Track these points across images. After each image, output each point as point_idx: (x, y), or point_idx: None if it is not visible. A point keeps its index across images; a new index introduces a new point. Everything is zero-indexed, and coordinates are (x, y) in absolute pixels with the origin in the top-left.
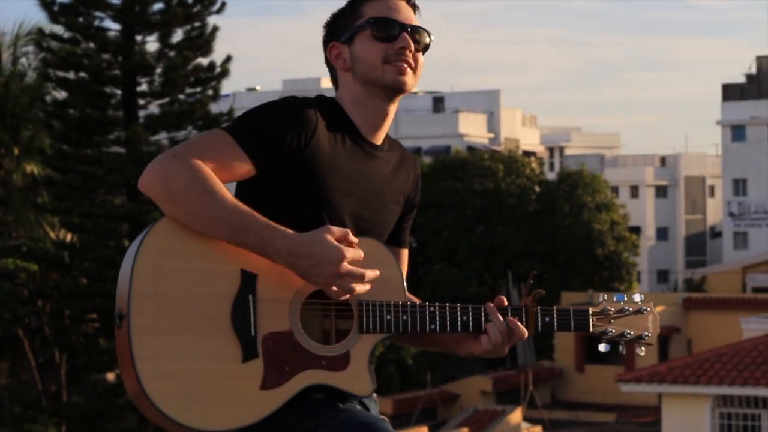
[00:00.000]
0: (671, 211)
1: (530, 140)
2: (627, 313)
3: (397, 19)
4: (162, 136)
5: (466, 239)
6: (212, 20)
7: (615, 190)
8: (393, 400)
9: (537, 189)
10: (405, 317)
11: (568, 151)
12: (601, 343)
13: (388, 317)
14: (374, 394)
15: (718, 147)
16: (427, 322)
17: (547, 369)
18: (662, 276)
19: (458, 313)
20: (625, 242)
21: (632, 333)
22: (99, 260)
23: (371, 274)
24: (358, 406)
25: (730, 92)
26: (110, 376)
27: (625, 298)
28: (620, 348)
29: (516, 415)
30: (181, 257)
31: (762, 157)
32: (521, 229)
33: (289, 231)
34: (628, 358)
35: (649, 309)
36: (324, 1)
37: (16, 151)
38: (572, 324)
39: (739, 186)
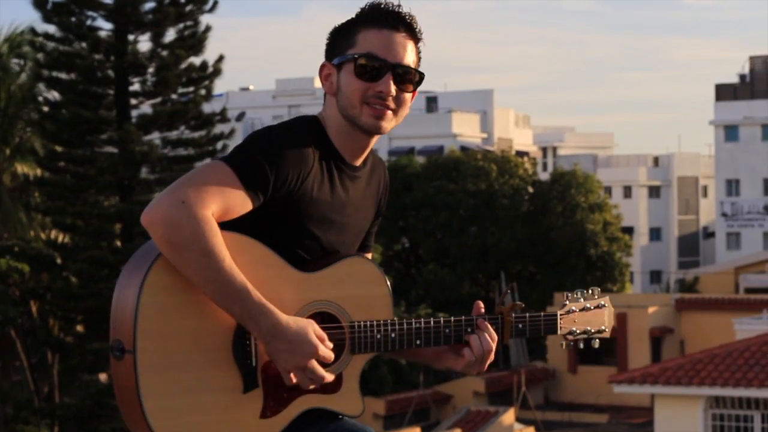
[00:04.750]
0: (664, 212)
1: (523, 140)
2: (588, 310)
3: (384, 57)
4: (154, 136)
5: (458, 239)
6: (205, 19)
7: (608, 190)
8: (386, 400)
9: (530, 189)
10: (393, 335)
11: (561, 151)
12: (564, 341)
13: (378, 336)
14: None
15: (711, 147)
16: (414, 338)
17: (540, 370)
18: (655, 276)
19: (441, 327)
20: (618, 242)
21: (592, 329)
22: (91, 261)
23: (329, 377)
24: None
25: (723, 92)
26: (102, 377)
27: (586, 294)
28: (580, 343)
29: (509, 416)
30: (183, 291)
31: (755, 157)
32: (514, 230)
33: (275, 312)
34: (621, 359)
35: (606, 304)
36: (323, 2)
37: (7, 152)
38: (542, 328)
39: (732, 186)
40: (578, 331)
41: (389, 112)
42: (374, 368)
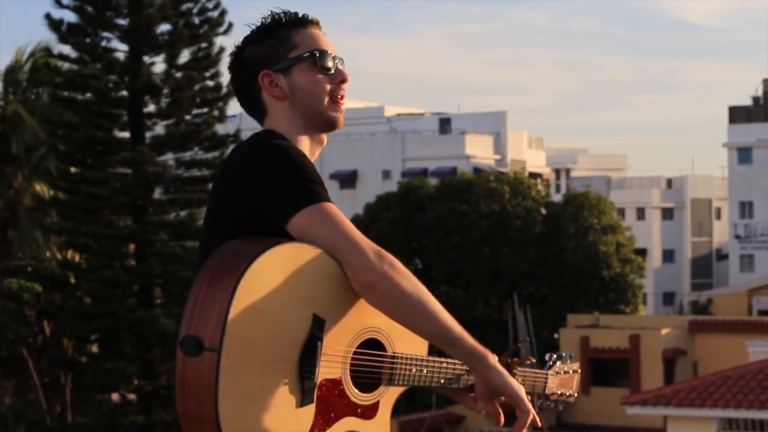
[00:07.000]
0: (677, 233)
1: (536, 162)
2: (568, 374)
3: (329, 50)
4: (168, 157)
5: (471, 261)
6: (219, 41)
7: (621, 212)
8: (398, 421)
9: (543, 211)
10: (425, 371)
11: (574, 173)
12: (540, 400)
13: (413, 371)
14: None
15: (724, 169)
16: (439, 378)
17: None
18: (668, 298)
19: (466, 373)
20: (631, 264)
21: (565, 392)
22: (104, 280)
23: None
24: None
25: (737, 114)
26: (115, 397)
27: (563, 356)
28: (550, 404)
29: None
30: (269, 298)
31: None
32: (527, 251)
33: (488, 353)
34: (634, 381)
35: (578, 370)
36: (334, 24)
37: (26, 172)
38: (535, 386)
39: (746, 208)
40: (558, 393)
41: (342, 106)
42: None
